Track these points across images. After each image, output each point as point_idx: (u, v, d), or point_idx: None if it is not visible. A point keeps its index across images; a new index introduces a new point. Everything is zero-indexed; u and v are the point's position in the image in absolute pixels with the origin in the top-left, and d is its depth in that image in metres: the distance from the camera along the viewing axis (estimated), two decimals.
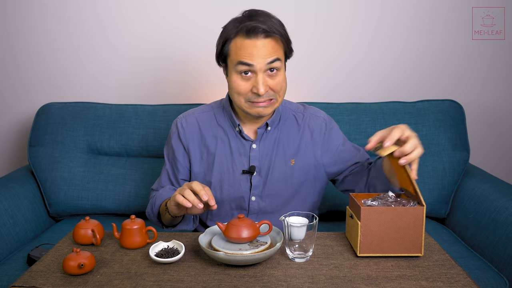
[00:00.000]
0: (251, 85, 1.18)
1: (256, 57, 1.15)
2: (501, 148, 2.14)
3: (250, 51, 1.15)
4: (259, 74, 1.16)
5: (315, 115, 1.37)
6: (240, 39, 1.16)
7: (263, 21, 1.15)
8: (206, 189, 1.09)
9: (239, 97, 1.21)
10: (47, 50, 2.03)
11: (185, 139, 1.34)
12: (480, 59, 2.04)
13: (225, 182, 1.31)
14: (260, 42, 1.15)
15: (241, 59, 1.16)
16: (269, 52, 1.16)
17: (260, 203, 1.32)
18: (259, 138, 1.31)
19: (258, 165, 1.30)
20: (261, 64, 1.16)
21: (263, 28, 1.13)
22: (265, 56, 1.15)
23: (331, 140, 1.36)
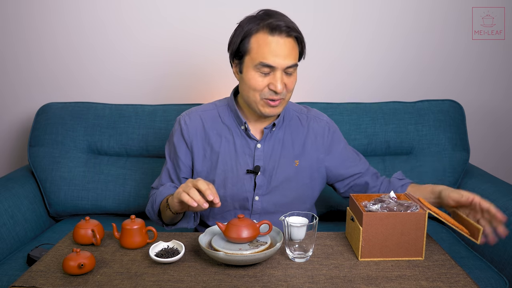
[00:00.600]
0: (268, 81, 1.18)
1: (278, 56, 1.15)
2: (501, 148, 2.14)
3: (273, 48, 1.15)
4: (277, 72, 1.17)
5: (318, 117, 1.37)
6: (263, 36, 1.16)
7: (283, 19, 1.16)
8: (211, 187, 1.07)
9: (254, 94, 1.21)
10: (47, 50, 2.03)
11: (188, 137, 1.33)
12: (480, 59, 2.04)
13: (228, 181, 1.31)
14: (282, 40, 1.16)
15: (263, 60, 1.16)
16: (289, 53, 1.17)
17: (264, 203, 1.32)
18: (264, 137, 1.30)
19: (262, 165, 1.30)
20: (282, 66, 1.17)
21: (287, 26, 1.15)
22: (286, 58, 1.16)
23: (333, 144, 1.36)
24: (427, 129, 1.80)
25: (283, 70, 1.18)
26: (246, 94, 1.23)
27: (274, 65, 1.16)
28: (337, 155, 1.36)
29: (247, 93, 1.22)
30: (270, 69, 1.17)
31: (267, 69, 1.17)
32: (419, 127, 1.80)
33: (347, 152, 1.38)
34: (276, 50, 1.15)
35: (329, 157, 1.35)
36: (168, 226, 1.31)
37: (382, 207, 1.06)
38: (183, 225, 1.29)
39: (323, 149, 1.34)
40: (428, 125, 1.80)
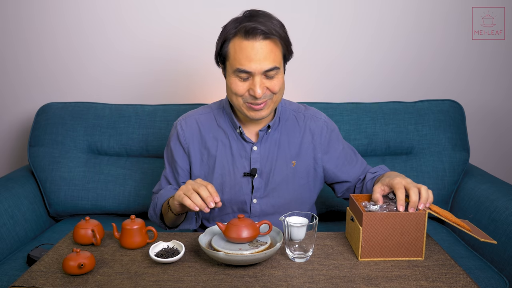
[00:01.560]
0: (248, 86, 1.17)
1: (253, 61, 1.13)
2: (501, 148, 2.14)
3: (248, 53, 1.13)
4: (256, 77, 1.15)
5: (315, 116, 1.36)
6: (238, 40, 1.15)
7: (263, 22, 1.14)
8: (211, 190, 1.08)
9: (237, 98, 1.20)
10: (47, 50, 2.03)
11: (185, 141, 1.33)
12: (480, 59, 2.04)
13: (226, 184, 1.30)
14: (258, 44, 1.13)
15: (239, 66, 1.15)
16: (266, 56, 1.14)
17: (262, 206, 1.31)
18: (260, 140, 1.30)
19: (259, 167, 1.30)
20: (258, 71, 1.15)
21: (262, 29, 1.12)
22: (263, 61, 1.14)
23: (331, 144, 1.35)
24: (427, 129, 1.80)
25: (262, 74, 1.16)
26: (230, 98, 1.23)
27: (250, 71, 1.14)
28: (335, 157, 1.35)
29: (231, 98, 1.22)
30: (248, 74, 1.16)
31: (245, 75, 1.16)
32: (419, 127, 1.80)
33: (345, 154, 1.37)
34: (251, 55, 1.13)
35: (327, 157, 1.34)
36: (171, 229, 1.31)
37: (381, 207, 1.06)
38: (185, 227, 1.30)
39: (320, 149, 1.33)
40: (428, 125, 1.80)
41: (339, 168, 1.36)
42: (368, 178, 1.32)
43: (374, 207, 1.06)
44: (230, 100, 1.24)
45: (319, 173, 1.35)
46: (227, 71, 1.21)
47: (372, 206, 1.07)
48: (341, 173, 1.36)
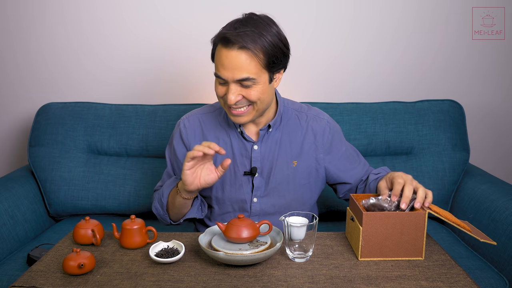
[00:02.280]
0: (226, 91, 1.19)
1: (227, 69, 1.15)
2: (501, 148, 2.14)
3: (222, 60, 1.15)
4: (231, 84, 1.17)
5: (318, 117, 1.35)
6: (219, 46, 1.17)
7: (245, 32, 1.12)
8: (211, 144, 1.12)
9: (220, 99, 1.24)
10: (47, 50, 2.03)
11: (187, 140, 1.34)
12: (480, 59, 2.04)
13: (226, 183, 1.31)
14: (233, 53, 1.13)
15: (216, 71, 1.18)
16: (240, 67, 1.14)
17: (262, 205, 1.32)
18: (260, 139, 1.30)
19: (259, 166, 1.30)
20: (230, 79, 1.16)
21: (237, 40, 1.12)
22: (235, 71, 1.14)
23: (334, 145, 1.35)
24: (427, 129, 1.80)
25: (236, 83, 1.17)
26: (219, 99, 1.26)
27: (223, 77, 1.16)
28: (337, 158, 1.35)
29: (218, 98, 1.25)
30: (224, 80, 1.18)
31: (222, 80, 1.18)
32: (419, 127, 1.80)
33: (347, 155, 1.37)
34: (224, 63, 1.15)
35: (329, 158, 1.34)
36: (175, 223, 1.31)
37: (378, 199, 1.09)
38: (192, 215, 1.29)
39: (322, 149, 1.33)
40: (428, 125, 1.80)
41: (341, 169, 1.36)
42: (371, 179, 1.32)
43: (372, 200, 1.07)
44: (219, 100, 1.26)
45: (320, 173, 1.35)
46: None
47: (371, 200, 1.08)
48: (343, 174, 1.36)
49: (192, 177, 1.16)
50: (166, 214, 1.30)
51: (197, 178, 1.16)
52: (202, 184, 1.17)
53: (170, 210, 1.29)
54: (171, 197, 1.26)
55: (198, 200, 1.30)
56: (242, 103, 1.19)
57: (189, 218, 1.30)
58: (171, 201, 1.26)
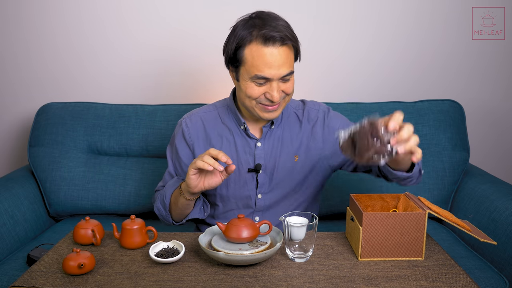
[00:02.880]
0: (265, 90, 1.19)
1: (273, 68, 1.15)
2: (501, 148, 2.14)
3: (267, 60, 1.14)
4: (274, 83, 1.17)
5: (313, 108, 1.37)
6: (256, 46, 1.15)
7: (276, 27, 1.15)
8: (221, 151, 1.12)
9: (251, 101, 1.21)
10: (47, 50, 2.03)
11: (190, 138, 1.34)
12: (480, 59, 2.04)
13: (231, 180, 1.32)
14: (276, 51, 1.15)
15: (258, 72, 1.16)
16: (284, 62, 1.16)
17: (266, 201, 1.33)
18: (264, 136, 1.31)
19: (263, 163, 1.31)
20: (276, 76, 1.16)
21: (280, 35, 1.14)
22: (281, 68, 1.15)
23: (330, 130, 1.34)
24: (427, 129, 1.80)
25: (279, 80, 1.18)
26: (243, 100, 1.24)
27: (269, 77, 1.16)
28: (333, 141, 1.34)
29: (244, 100, 1.23)
30: (266, 80, 1.17)
31: (262, 80, 1.17)
32: (419, 127, 1.80)
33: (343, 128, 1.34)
34: (270, 61, 1.15)
35: (327, 145, 1.34)
36: (178, 223, 1.31)
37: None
38: (194, 216, 1.29)
39: (321, 138, 1.34)
40: (428, 125, 1.80)
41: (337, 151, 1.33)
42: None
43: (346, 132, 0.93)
44: (242, 101, 1.25)
45: (323, 163, 1.35)
46: (241, 76, 1.21)
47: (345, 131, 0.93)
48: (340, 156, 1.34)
49: (197, 181, 1.16)
50: (169, 214, 1.30)
51: (201, 181, 1.17)
52: (206, 187, 1.17)
53: (172, 210, 1.29)
54: (173, 198, 1.26)
55: (200, 201, 1.31)
56: (280, 98, 1.21)
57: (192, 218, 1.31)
58: (173, 201, 1.26)
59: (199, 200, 1.30)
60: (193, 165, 1.12)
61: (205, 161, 1.09)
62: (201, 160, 1.10)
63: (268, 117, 1.23)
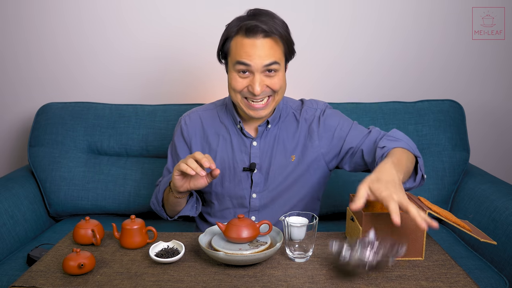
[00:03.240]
0: (248, 83, 1.20)
1: (253, 57, 1.16)
2: (501, 148, 2.14)
3: (248, 50, 1.16)
4: (256, 74, 1.18)
5: (311, 107, 1.37)
6: (240, 38, 1.18)
7: (265, 21, 1.16)
8: (207, 156, 1.13)
9: (235, 94, 1.23)
10: (47, 50, 2.03)
11: (187, 136, 1.36)
12: (480, 59, 2.04)
13: (226, 178, 1.32)
14: (259, 42, 1.16)
15: (239, 58, 1.17)
16: (267, 53, 1.16)
17: (261, 200, 1.32)
18: (260, 135, 1.31)
19: (258, 162, 1.31)
20: (258, 65, 1.17)
21: (263, 27, 1.15)
22: (263, 57, 1.16)
23: (326, 127, 1.32)
24: (427, 129, 1.80)
25: (262, 71, 1.18)
26: (230, 94, 1.26)
27: (249, 63, 1.16)
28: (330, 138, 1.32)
29: (230, 94, 1.25)
30: (246, 67, 1.17)
31: (243, 67, 1.17)
32: (419, 127, 1.80)
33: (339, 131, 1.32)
34: (250, 51, 1.16)
35: (324, 143, 1.32)
36: (171, 218, 1.34)
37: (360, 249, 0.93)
38: (186, 213, 1.31)
39: (317, 136, 1.32)
40: (428, 125, 1.80)
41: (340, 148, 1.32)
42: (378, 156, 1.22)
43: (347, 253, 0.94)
44: (230, 96, 1.26)
45: (320, 162, 1.34)
46: (228, 67, 1.24)
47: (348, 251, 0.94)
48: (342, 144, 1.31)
49: (182, 181, 1.18)
50: (163, 209, 1.34)
51: (187, 182, 1.19)
52: (191, 187, 1.19)
53: (165, 206, 1.33)
54: (165, 195, 1.29)
55: (193, 198, 1.33)
56: (265, 93, 1.21)
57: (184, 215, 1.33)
58: (165, 198, 1.30)
59: (192, 197, 1.32)
60: (177, 166, 1.14)
61: (189, 165, 1.10)
62: (184, 163, 1.11)
63: (254, 115, 1.23)
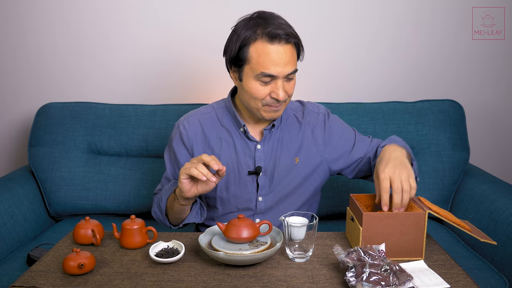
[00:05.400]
0: (270, 90, 1.19)
1: (279, 65, 1.15)
2: (501, 148, 2.14)
3: (273, 57, 1.14)
4: (279, 81, 1.17)
5: (313, 111, 1.37)
6: (262, 44, 1.15)
7: (280, 25, 1.15)
8: (214, 158, 1.10)
9: (256, 102, 1.21)
10: (47, 50, 2.03)
11: (188, 141, 1.32)
12: (480, 59, 2.04)
13: (231, 183, 1.31)
14: (282, 48, 1.15)
15: (264, 70, 1.15)
16: (289, 60, 1.17)
17: (267, 203, 1.32)
18: (264, 138, 1.31)
19: (263, 166, 1.30)
20: (281, 74, 1.16)
21: (285, 33, 1.14)
22: (287, 65, 1.16)
23: (331, 134, 1.35)
24: (427, 129, 1.80)
25: (284, 78, 1.18)
26: (247, 101, 1.23)
27: (275, 75, 1.16)
28: (334, 146, 1.35)
29: (248, 101, 1.23)
30: (271, 78, 1.17)
31: (268, 78, 1.17)
32: (419, 127, 1.80)
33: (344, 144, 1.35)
34: (276, 59, 1.15)
35: (328, 149, 1.34)
36: (175, 226, 1.30)
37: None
38: (191, 220, 1.27)
39: (321, 141, 1.34)
40: (428, 125, 1.80)
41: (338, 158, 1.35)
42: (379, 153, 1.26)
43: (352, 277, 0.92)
44: (246, 103, 1.24)
45: (323, 165, 1.35)
46: (245, 75, 1.20)
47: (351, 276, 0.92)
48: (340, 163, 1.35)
49: (189, 185, 1.14)
50: (166, 218, 1.29)
51: (194, 186, 1.15)
52: (199, 191, 1.15)
53: (169, 215, 1.28)
54: (169, 203, 1.25)
55: (197, 205, 1.29)
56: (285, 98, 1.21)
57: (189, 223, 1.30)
58: (169, 206, 1.25)
59: (196, 204, 1.28)
60: (185, 170, 1.10)
61: (200, 170, 1.07)
62: (194, 168, 1.08)
63: (271, 117, 1.23)
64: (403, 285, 0.89)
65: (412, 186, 1.07)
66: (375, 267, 0.89)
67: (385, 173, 1.08)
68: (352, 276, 0.90)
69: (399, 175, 1.07)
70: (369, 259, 0.92)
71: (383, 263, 0.90)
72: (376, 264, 0.90)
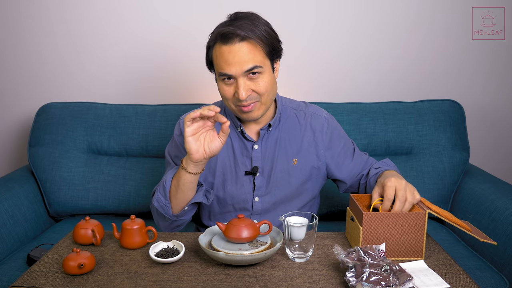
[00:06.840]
0: (234, 90, 1.19)
1: (232, 64, 1.15)
2: (501, 148, 2.14)
3: (226, 57, 1.15)
4: (239, 79, 1.16)
5: (316, 114, 1.36)
6: (218, 46, 1.17)
7: (241, 25, 1.15)
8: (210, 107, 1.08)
9: (227, 102, 1.23)
10: (47, 50, 2.03)
11: None
12: (480, 59, 2.04)
13: (228, 182, 1.31)
14: (236, 47, 1.14)
15: (220, 70, 1.17)
16: (245, 58, 1.15)
17: (264, 204, 1.32)
18: (261, 138, 1.30)
19: (260, 166, 1.30)
20: (238, 72, 1.15)
21: (237, 33, 1.14)
22: (242, 63, 1.15)
23: (333, 141, 1.35)
24: (427, 129, 1.80)
25: (245, 75, 1.17)
26: (225, 103, 1.25)
27: (230, 74, 1.16)
28: (336, 154, 1.35)
29: (224, 102, 1.25)
30: (231, 77, 1.17)
31: (227, 78, 1.18)
32: (419, 127, 1.80)
33: (345, 151, 1.37)
34: (229, 58, 1.15)
35: (329, 153, 1.35)
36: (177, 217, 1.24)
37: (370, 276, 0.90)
38: (198, 199, 1.22)
39: (322, 145, 1.34)
40: (428, 125, 1.80)
41: (339, 164, 1.36)
42: (372, 174, 1.32)
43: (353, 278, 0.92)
44: (224, 104, 1.26)
45: (322, 170, 1.35)
46: (216, 77, 1.23)
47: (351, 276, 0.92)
48: (341, 170, 1.37)
49: (196, 145, 1.12)
50: (169, 203, 1.21)
51: (201, 145, 1.12)
52: (207, 152, 1.13)
53: (173, 197, 1.21)
54: (175, 181, 1.20)
55: (203, 188, 1.26)
56: (252, 98, 1.19)
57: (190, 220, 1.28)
58: (175, 185, 1.20)
59: (201, 187, 1.25)
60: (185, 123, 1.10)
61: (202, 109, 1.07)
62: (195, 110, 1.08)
63: (247, 118, 1.23)
64: (403, 285, 0.89)
65: (416, 198, 1.08)
66: (375, 267, 0.89)
67: (392, 181, 1.10)
68: (352, 276, 0.90)
69: (405, 186, 1.09)
70: (369, 259, 0.92)
71: (383, 263, 0.90)
72: (376, 264, 0.90)
